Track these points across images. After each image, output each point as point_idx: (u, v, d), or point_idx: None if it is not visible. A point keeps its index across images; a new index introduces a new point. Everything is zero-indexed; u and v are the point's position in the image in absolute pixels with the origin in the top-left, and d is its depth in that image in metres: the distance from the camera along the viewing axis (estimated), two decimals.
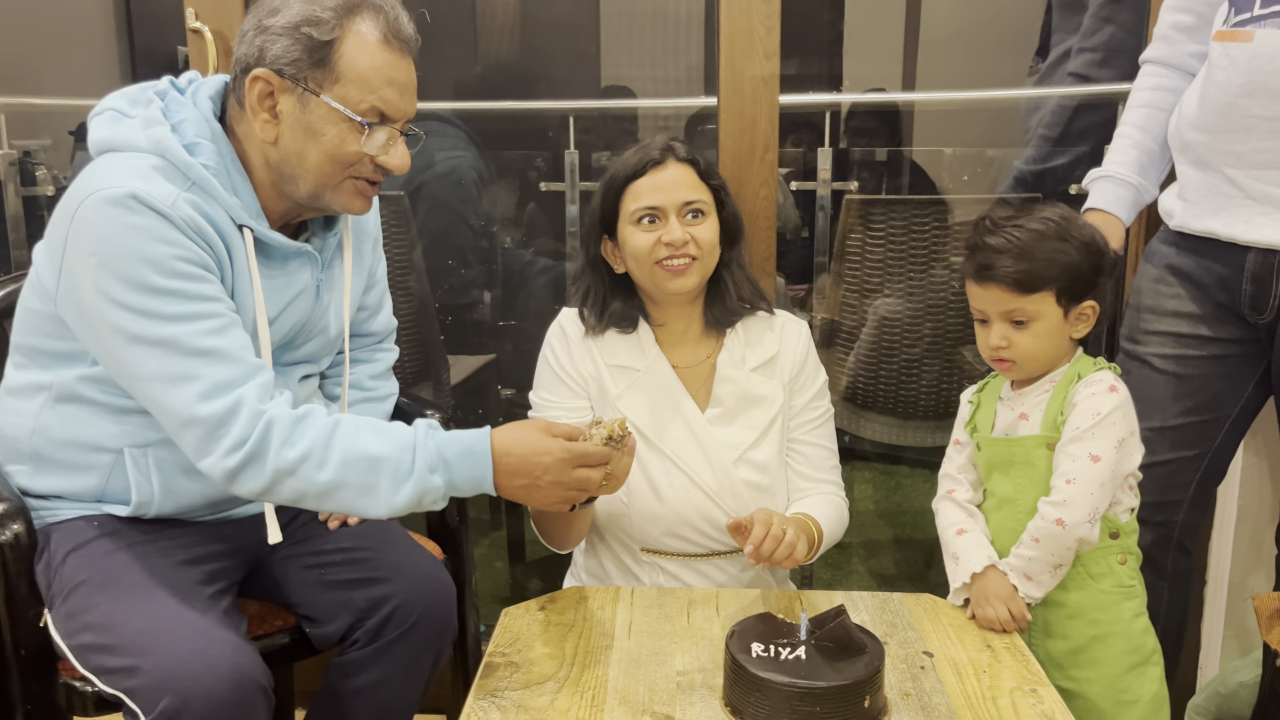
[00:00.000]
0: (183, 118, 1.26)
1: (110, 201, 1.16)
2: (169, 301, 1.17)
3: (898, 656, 1.30)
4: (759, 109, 1.86)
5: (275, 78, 1.23)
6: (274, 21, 1.23)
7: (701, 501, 1.56)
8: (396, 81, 1.26)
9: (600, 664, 1.28)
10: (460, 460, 1.21)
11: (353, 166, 1.27)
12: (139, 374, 1.18)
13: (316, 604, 1.39)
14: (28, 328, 1.31)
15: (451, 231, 2.64)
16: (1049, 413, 1.42)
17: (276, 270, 1.32)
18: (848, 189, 2.64)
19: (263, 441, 1.17)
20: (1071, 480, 1.35)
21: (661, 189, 1.52)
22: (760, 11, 1.81)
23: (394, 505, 1.20)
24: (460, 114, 2.76)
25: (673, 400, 1.58)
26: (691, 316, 1.61)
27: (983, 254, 1.39)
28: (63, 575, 1.26)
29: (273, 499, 1.21)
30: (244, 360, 1.20)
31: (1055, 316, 1.39)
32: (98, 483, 1.31)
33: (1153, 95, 1.63)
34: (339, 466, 1.18)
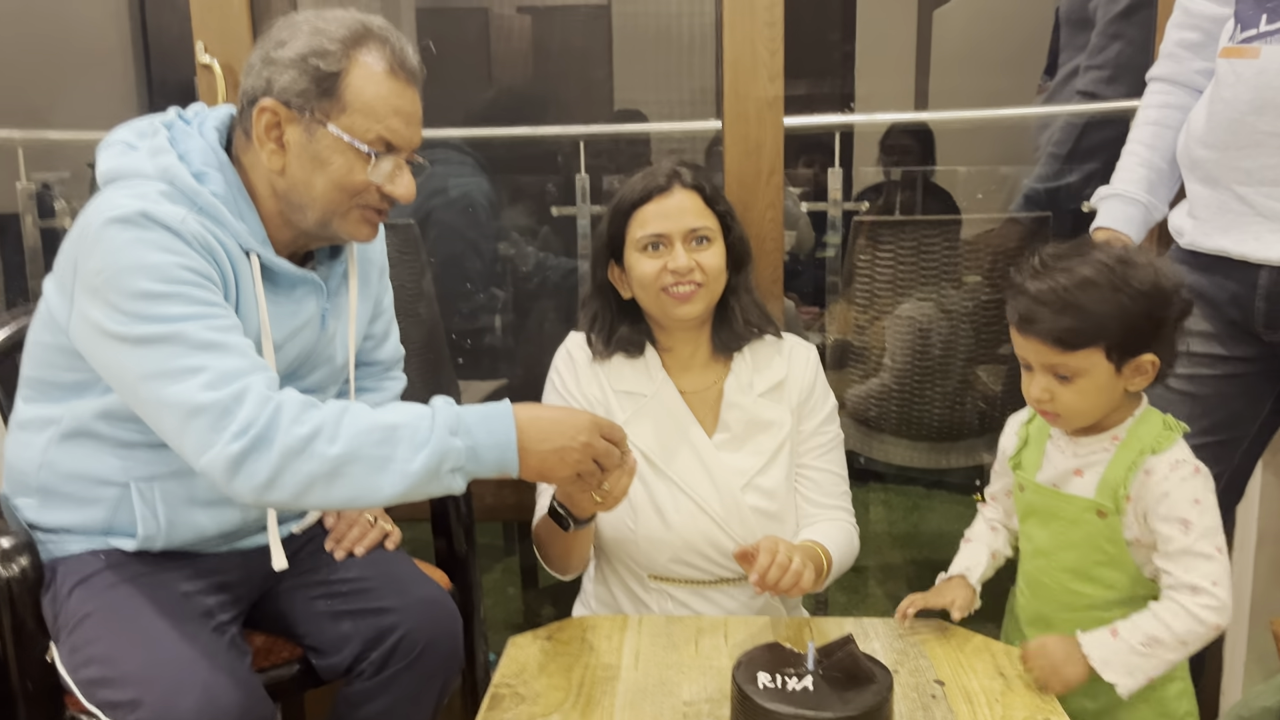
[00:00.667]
0: (189, 147, 1.27)
1: (119, 220, 1.16)
2: (171, 303, 1.15)
3: (908, 685, 1.28)
4: (764, 132, 1.86)
5: (282, 108, 1.24)
6: (281, 54, 1.24)
7: (709, 528, 1.54)
8: (402, 111, 1.27)
9: (606, 695, 1.27)
10: (481, 424, 1.17)
11: (359, 195, 1.28)
12: (141, 374, 1.15)
13: (322, 635, 1.39)
14: (37, 360, 1.32)
15: (462, 257, 2.65)
16: (1109, 479, 1.30)
17: (282, 298, 1.33)
18: (859, 210, 2.63)
19: (272, 423, 1.12)
20: (1219, 581, 1.25)
21: (667, 216, 1.52)
22: (764, 36, 1.81)
23: (409, 475, 1.14)
24: (473, 140, 2.78)
25: (680, 426, 1.58)
26: (699, 341, 1.61)
27: (1024, 301, 1.26)
28: (68, 608, 1.26)
29: (276, 495, 1.13)
30: (250, 355, 1.18)
31: (1105, 372, 1.26)
32: (104, 516, 1.31)
33: (1160, 113, 1.62)
34: (351, 439, 1.13)
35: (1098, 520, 1.31)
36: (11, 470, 1.36)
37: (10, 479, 1.36)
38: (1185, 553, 1.26)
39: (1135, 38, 2.26)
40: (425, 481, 1.15)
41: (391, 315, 1.60)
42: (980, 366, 2.41)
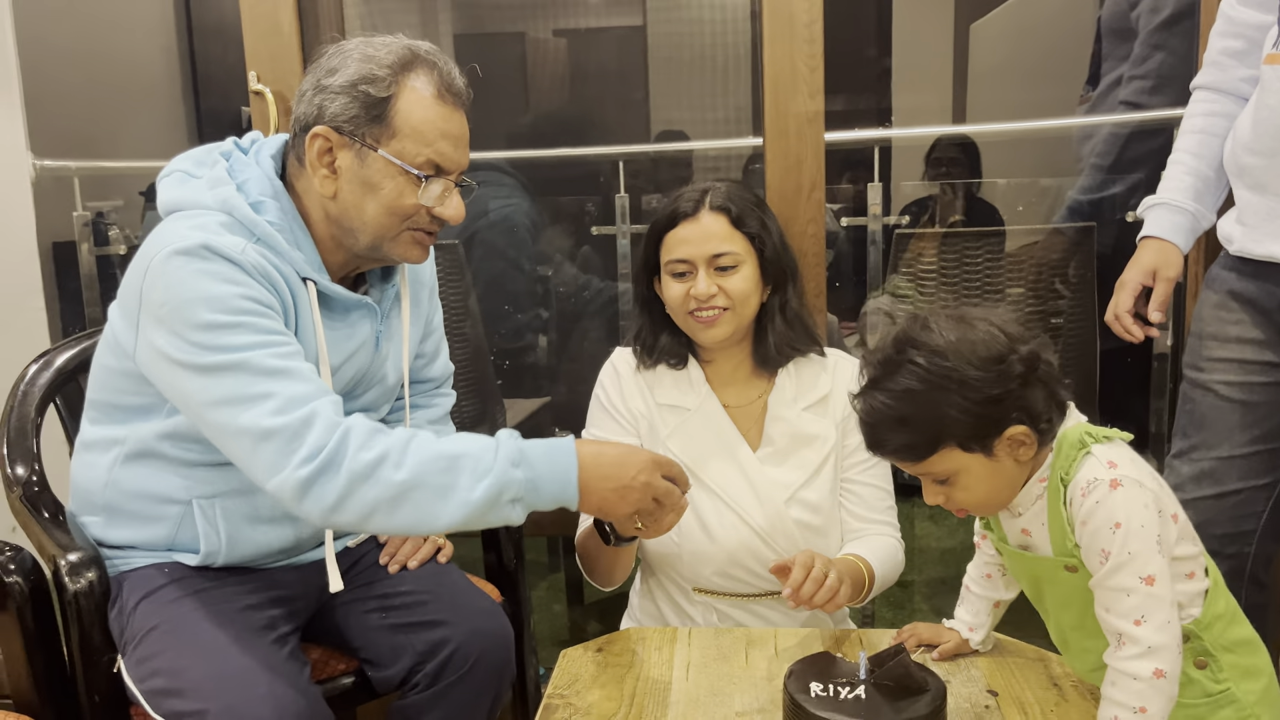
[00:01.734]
0: (247, 177, 1.31)
1: (182, 252, 1.20)
2: (237, 333, 1.18)
3: (961, 696, 1.28)
4: (805, 147, 1.87)
5: (334, 134, 1.27)
6: (332, 81, 1.27)
7: (752, 541, 1.55)
8: (451, 134, 1.30)
9: (659, 705, 1.28)
10: (543, 458, 1.19)
11: (410, 218, 1.31)
12: (211, 400, 1.18)
13: (377, 648, 1.41)
14: (102, 384, 1.36)
15: (505, 277, 2.68)
16: (1053, 534, 1.16)
17: (338, 322, 1.36)
18: (900, 223, 2.63)
19: (340, 448, 1.15)
20: (1142, 619, 1.07)
21: (689, 242, 1.53)
22: (804, 52, 1.83)
23: (470, 504, 1.15)
24: (513, 162, 2.81)
25: (723, 439, 1.59)
26: (739, 358, 1.62)
27: (864, 428, 1.16)
28: (134, 622, 1.30)
29: (342, 517, 1.16)
30: (315, 380, 1.21)
31: (977, 462, 1.12)
32: (168, 533, 1.35)
33: (1205, 121, 1.61)
34: (416, 466, 1.15)
35: (1073, 576, 1.16)
36: (78, 489, 1.40)
37: (77, 498, 1.41)
38: (1104, 589, 1.09)
39: (1178, 48, 2.25)
40: (485, 510, 1.17)
41: (441, 333, 1.63)
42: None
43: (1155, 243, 1.60)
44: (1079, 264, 2.32)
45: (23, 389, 1.56)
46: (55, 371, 1.59)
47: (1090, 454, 1.11)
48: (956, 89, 4.51)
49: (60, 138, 2.74)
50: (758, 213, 1.57)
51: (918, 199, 3.34)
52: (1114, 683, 1.09)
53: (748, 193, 1.59)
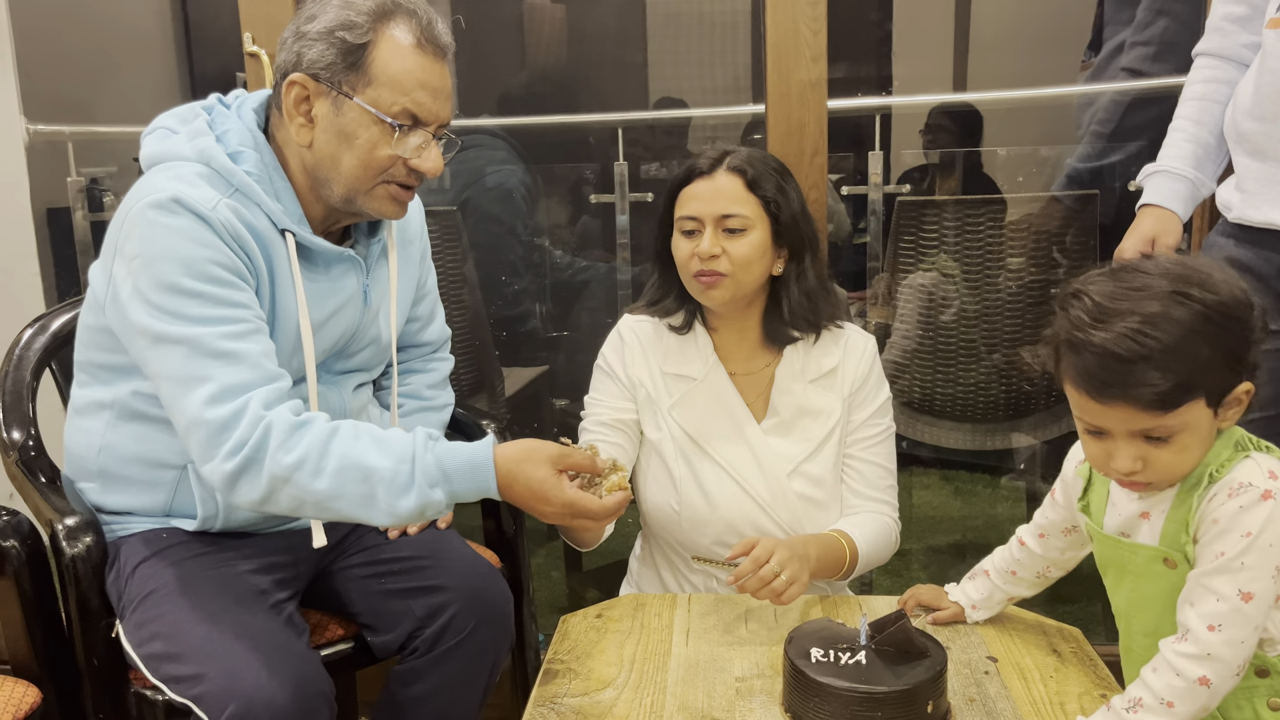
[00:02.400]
0: (227, 128, 1.30)
1: (154, 205, 1.19)
2: (195, 303, 1.18)
3: (960, 662, 1.28)
4: (807, 113, 1.85)
5: (310, 81, 1.26)
6: (310, 27, 1.26)
7: (753, 511, 1.55)
8: (429, 85, 1.27)
9: (659, 670, 1.28)
10: (461, 474, 1.18)
11: (386, 171, 1.28)
12: (160, 373, 1.19)
13: (376, 613, 1.41)
14: (85, 343, 1.36)
15: (501, 245, 2.66)
16: (1172, 520, 1.08)
17: (320, 275, 1.34)
18: (900, 192, 2.61)
19: (260, 445, 1.15)
20: (1217, 626, 1.01)
21: (701, 198, 1.51)
22: (806, 15, 1.80)
23: (396, 515, 1.16)
24: (510, 129, 2.79)
25: (728, 409, 1.58)
26: (746, 327, 1.59)
27: (1092, 359, 1.00)
28: (132, 586, 1.29)
29: (272, 508, 1.18)
30: (261, 366, 1.20)
31: (1205, 420, 1.03)
32: (164, 498, 1.35)
33: (1206, 88, 1.59)
34: (334, 475, 1.15)
35: (1168, 572, 1.09)
36: (72, 456, 1.39)
37: (71, 464, 1.40)
38: (1199, 584, 1.04)
39: (1181, 13, 2.22)
40: (412, 520, 1.19)
41: (436, 296, 1.62)
42: (1023, 348, 2.39)
43: (1155, 210, 1.59)
44: (1081, 233, 2.30)
45: (18, 353, 1.55)
46: (50, 336, 1.58)
47: (1251, 458, 1.05)
48: (958, 57, 4.47)
49: (54, 102, 2.71)
50: (776, 178, 1.53)
51: (918, 166, 3.32)
52: (1156, 669, 1.05)
53: (771, 159, 1.56)
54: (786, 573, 1.33)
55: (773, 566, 1.33)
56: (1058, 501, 1.28)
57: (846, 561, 1.49)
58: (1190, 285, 0.99)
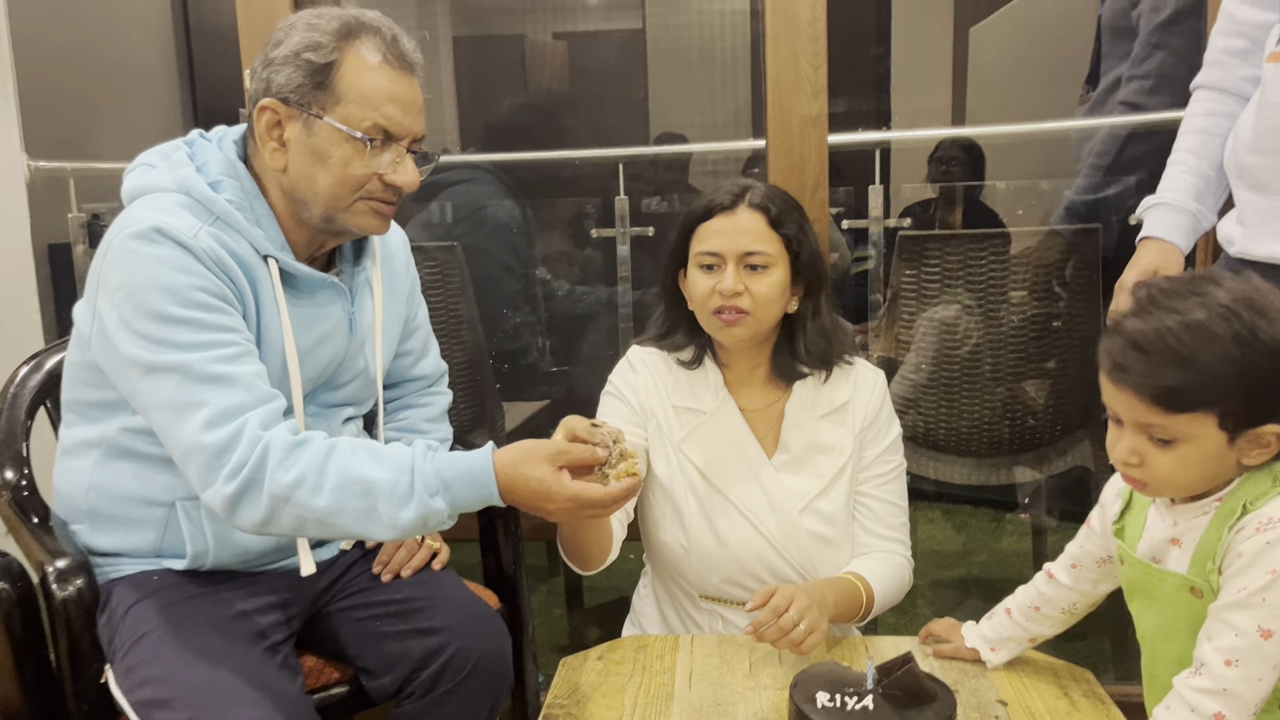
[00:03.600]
0: (207, 159, 1.30)
1: (135, 236, 1.19)
2: (183, 330, 1.17)
3: (970, 705, 1.25)
4: (808, 147, 1.85)
5: (281, 106, 1.25)
6: (276, 53, 1.26)
7: (764, 550, 1.52)
8: (399, 99, 1.26)
9: (661, 715, 1.25)
10: (462, 482, 1.16)
11: (362, 187, 1.28)
12: (153, 403, 1.18)
13: (372, 655, 1.38)
14: (71, 381, 1.34)
15: (496, 279, 2.66)
16: (1202, 549, 1.06)
17: (304, 301, 1.33)
18: (901, 226, 2.61)
19: (259, 466, 1.14)
20: (1234, 662, 1.00)
21: (724, 235, 1.48)
22: (807, 50, 1.81)
23: (398, 528, 1.15)
24: (511, 164, 2.79)
25: (738, 444, 1.55)
26: (758, 361, 1.57)
27: (1118, 343, 1.02)
28: (124, 629, 1.27)
29: (275, 530, 1.17)
30: (255, 387, 1.19)
31: (1214, 441, 1.02)
32: (154, 537, 1.32)
33: (1206, 121, 1.59)
34: (334, 491, 1.14)
35: (1194, 601, 1.07)
36: (61, 497, 1.37)
37: (61, 505, 1.38)
38: (1218, 618, 1.03)
39: (1178, 48, 2.23)
40: (415, 532, 1.17)
41: (428, 330, 1.61)
42: (1027, 382, 2.38)
43: (1156, 243, 1.57)
44: (1084, 266, 2.29)
45: (13, 391, 1.54)
46: (45, 374, 1.56)
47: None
48: (956, 92, 4.50)
49: (55, 138, 2.72)
50: (796, 215, 1.52)
51: (919, 201, 3.32)
52: (1169, 706, 1.03)
53: (789, 197, 1.55)
54: (805, 622, 1.30)
55: (791, 616, 1.30)
56: (1094, 530, 1.26)
57: (863, 606, 1.47)
58: (1248, 309, 0.99)
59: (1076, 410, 2.32)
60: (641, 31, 4.52)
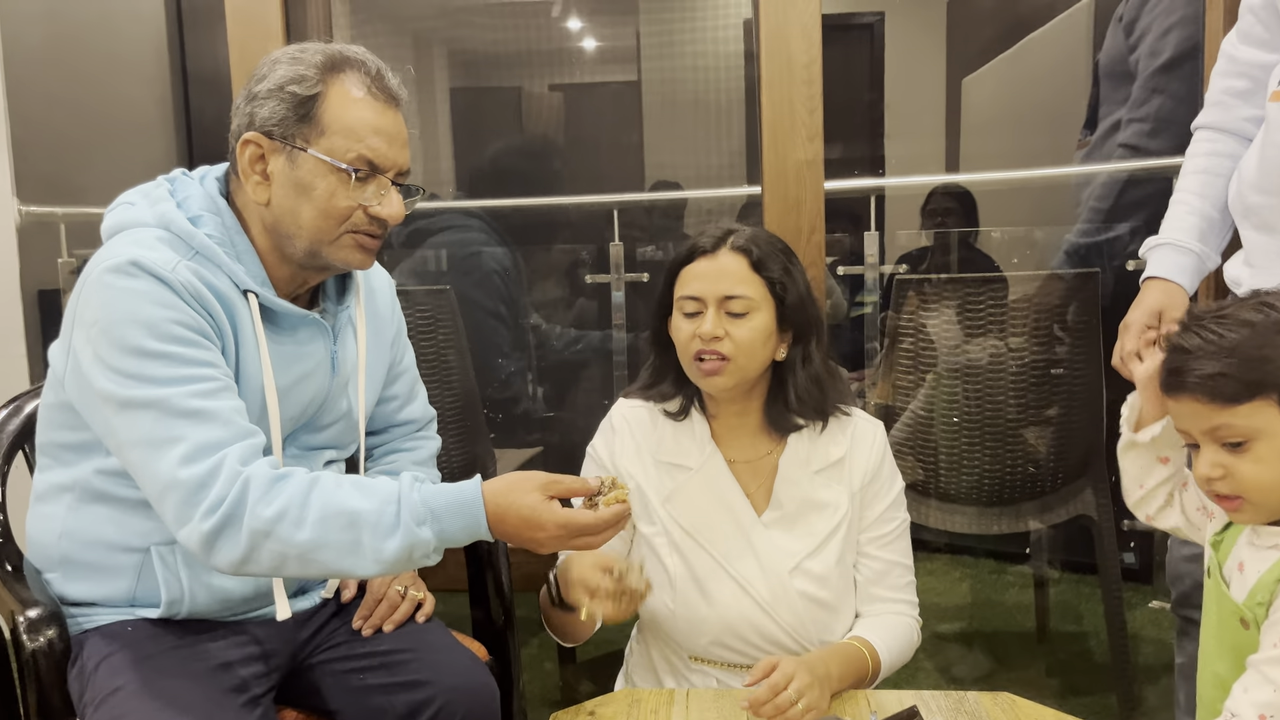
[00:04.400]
0: (188, 194, 1.28)
1: (111, 270, 1.16)
2: (160, 365, 1.14)
3: None
4: (804, 190, 1.84)
5: (264, 139, 1.24)
6: (260, 87, 1.25)
7: (752, 612, 1.46)
8: (383, 131, 1.25)
9: None
10: (450, 512, 1.14)
11: (347, 220, 1.26)
12: (128, 440, 1.14)
13: (356, 709, 1.33)
14: (46, 423, 1.31)
15: (491, 327, 2.64)
16: (1261, 583, 1.04)
17: (285, 338, 1.31)
18: (897, 271, 2.60)
19: (239, 501, 1.11)
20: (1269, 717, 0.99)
21: (703, 278, 1.44)
22: (802, 94, 1.80)
23: (382, 561, 1.12)
24: (505, 209, 2.79)
25: (725, 501, 1.49)
26: (747, 411, 1.51)
27: (1173, 357, 1.07)
28: (95, 683, 1.22)
29: (253, 568, 1.13)
30: (234, 423, 1.16)
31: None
32: (128, 585, 1.28)
33: (1209, 161, 1.57)
34: (317, 524, 1.11)
35: (1241, 631, 1.06)
36: (33, 544, 1.33)
37: (34, 553, 1.34)
38: (1257, 670, 1.01)
39: (1177, 91, 2.23)
40: (400, 566, 1.14)
41: (415, 375, 1.58)
42: (1028, 428, 2.34)
43: (1160, 283, 1.54)
44: (1083, 311, 2.27)
45: None
46: (25, 418, 1.52)
47: None
48: (950, 140, 4.52)
49: (47, 183, 2.71)
50: (782, 259, 1.47)
51: (915, 249, 3.32)
52: None
53: (776, 239, 1.51)
54: (804, 701, 1.26)
55: (790, 695, 1.26)
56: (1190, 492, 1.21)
57: (869, 673, 1.42)
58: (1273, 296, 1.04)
59: (1078, 457, 2.28)
60: (637, 83, 4.57)
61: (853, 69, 4.78)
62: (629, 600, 1.28)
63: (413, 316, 2.27)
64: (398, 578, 1.41)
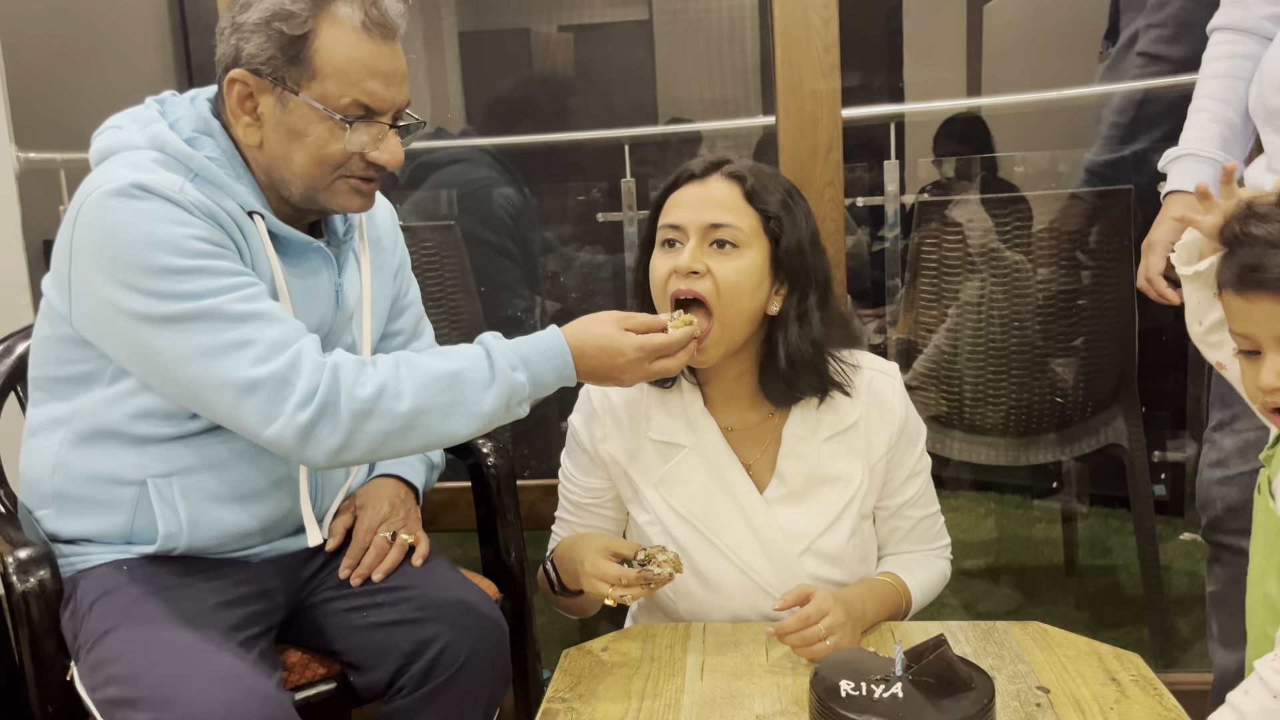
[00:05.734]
0: (180, 115, 1.21)
1: (113, 193, 1.10)
2: (197, 279, 1.10)
3: (1009, 694, 1.14)
4: (819, 106, 1.74)
5: (252, 78, 1.17)
6: (246, 18, 1.16)
7: (759, 598, 1.34)
8: (379, 71, 1.17)
9: (670, 708, 1.15)
10: (537, 354, 1.17)
11: (342, 166, 1.20)
12: (178, 355, 1.09)
13: (360, 649, 1.28)
14: (41, 358, 1.26)
15: (499, 265, 2.58)
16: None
17: (295, 262, 1.26)
18: (919, 200, 2.50)
19: (332, 388, 1.09)
20: None
21: (687, 205, 1.28)
22: (817, 4, 1.70)
23: (481, 415, 1.14)
24: (517, 147, 2.72)
25: (722, 479, 1.34)
26: (742, 372, 1.34)
27: (1247, 250, 0.96)
28: (89, 624, 1.18)
29: (349, 454, 1.11)
30: (290, 320, 1.14)
31: None
32: (124, 520, 1.23)
33: (1229, 64, 1.47)
34: (416, 392, 1.12)
35: None
36: (26, 480, 1.28)
37: (26, 490, 1.29)
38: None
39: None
40: (495, 419, 1.15)
41: (420, 310, 1.52)
42: (1056, 357, 2.26)
43: (1184, 197, 1.45)
44: (1113, 231, 2.17)
45: None
46: (16, 359, 1.48)
47: None
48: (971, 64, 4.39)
49: (47, 130, 2.64)
50: (782, 193, 1.30)
51: (933, 181, 3.21)
52: (1248, 691, 0.95)
53: (780, 175, 1.35)
54: (832, 639, 1.20)
55: (819, 630, 1.19)
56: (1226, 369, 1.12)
57: (902, 612, 1.36)
58: None
59: (1110, 384, 2.20)
60: (648, 22, 4.45)
61: None
62: (657, 584, 1.23)
63: (418, 254, 2.21)
64: (386, 520, 1.36)
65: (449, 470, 1.62)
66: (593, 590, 1.25)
